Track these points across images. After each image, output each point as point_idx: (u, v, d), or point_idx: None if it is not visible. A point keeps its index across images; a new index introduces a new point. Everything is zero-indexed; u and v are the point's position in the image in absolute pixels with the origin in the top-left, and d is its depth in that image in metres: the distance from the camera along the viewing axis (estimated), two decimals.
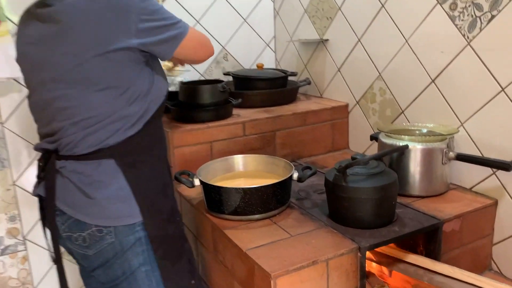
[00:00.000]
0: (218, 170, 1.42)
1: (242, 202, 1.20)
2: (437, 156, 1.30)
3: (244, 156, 1.46)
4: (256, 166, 1.45)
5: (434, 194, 1.34)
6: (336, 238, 1.11)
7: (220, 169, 1.43)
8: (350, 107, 1.82)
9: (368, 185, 1.12)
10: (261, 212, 1.22)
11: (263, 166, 1.44)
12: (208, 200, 1.27)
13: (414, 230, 1.14)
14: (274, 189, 1.22)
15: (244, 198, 1.19)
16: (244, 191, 1.19)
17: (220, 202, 1.23)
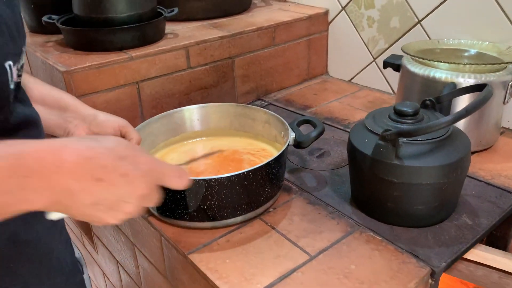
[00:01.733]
0: (158, 135, 0.86)
1: (215, 200, 0.68)
2: (498, 93, 0.86)
3: (200, 107, 0.90)
4: (219, 122, 0.91)
5: (486, 147, 0.92)
6: (387, 253, 0.66)
7: (162, 132, 0.86)
8: (332, 16, 1.28)
9: (436, 162, 0.65)
10: (246, 211, 0.72)
11: (230, 121, 0.90)
12: None
13: (496, 220, 0.72)
14: (266, 172, 0.71)
15: (219, 193, 0.67)
16: (219, 183, 0.67)
17: (177, 201, 0.69)
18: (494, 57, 0.90)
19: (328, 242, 0.68)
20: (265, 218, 0.74)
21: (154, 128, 0.84)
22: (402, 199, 0.68)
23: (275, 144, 0.85)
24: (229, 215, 0.71)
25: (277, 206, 0.77)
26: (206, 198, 0.67)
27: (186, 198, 0.68)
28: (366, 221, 0.72)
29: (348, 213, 0.74)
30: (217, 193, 0.67)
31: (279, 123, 0.82)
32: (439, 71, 0.86)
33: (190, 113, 0.89)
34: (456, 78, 0.84)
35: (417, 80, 0.89)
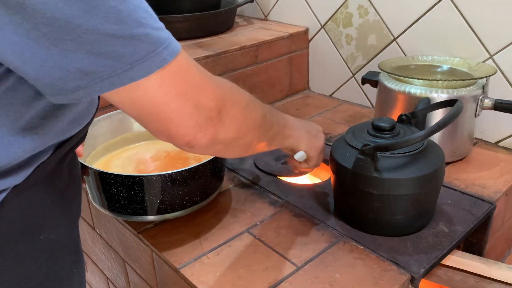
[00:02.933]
0: (98, 136, 0.88)
1: (170, 194, 0.73)
2: (470, 107, 0.91)
3: None
4: None
5: (461, 157, 0.97)
6: (370, 262, 0.69)
7: (101, 134, 0.88)
8: (312, 34, 1.33)
9: (413, 173, 0.69)
10: (196, 202, 0.76)
11: None
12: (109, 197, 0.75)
13: (470, 227, 0.77)
14: (216, 163, 0.78)
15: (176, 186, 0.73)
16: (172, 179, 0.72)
17: (137, 197, 0.73)
18: (465, 72, 0.96)
19: (314, 252, 0.71)
20: (253, 232, 0.77)
21: (93, 130, 0.85)
22: (382, 209, 0.72)
23: None
24: (181, 207, 0.75)
25: (265, 220, 0.80)
26: (161, 193, 0.72)
27: (146, 194, 0.72)
28: (349, 231, 0.76)
29: (332, 225, 0.78)
30: (172, 187, 0.72)
31: None
32: (414, 87, 0.91)
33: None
34: (430, 94, 0.89)
35: (393, 96, 0.94)
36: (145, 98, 0.41)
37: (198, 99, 0.45)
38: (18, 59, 0.37)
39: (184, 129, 0.45)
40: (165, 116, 0.44)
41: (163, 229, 0.78)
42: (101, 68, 0.37)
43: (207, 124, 0.46)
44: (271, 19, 1.45)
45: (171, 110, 0.43)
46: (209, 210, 0.83)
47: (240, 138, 0.52)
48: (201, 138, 0.46)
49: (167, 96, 0.42)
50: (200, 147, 0.48)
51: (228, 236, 0.76)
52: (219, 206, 0.84)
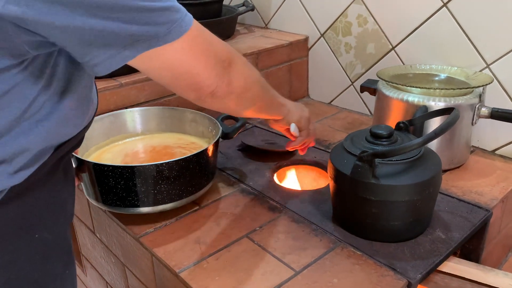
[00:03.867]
0: (90, 138, 0.90)
1: (164, 184, 0.77)
2: (467, 115, 0.93)
3: (129, 112, 0.97)
4: (147, 125, 0.99)
5: (458, 165, 0.98)
6: (367, 267, 0.70)
7: (94, 136, 0.91)
8: (311, 42, 1.35)
9: (410, 180, 0.71)
10: (188, 194, 0.80)
11: (157, 123, 0.99)
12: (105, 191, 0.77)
13: (466, 234, 0.78)
14: (206, 157, 0.82)
15: (168, 177, 0.76)
16: (169, 167, 0.76)
17: (129, 189, 0.76)
18: (462, 81, 0.97)
19: (312, 258, 0.72)
20: (252, 237, 0.78)
21: (94, 130, 0.89)
22: (379, 215, 0.73)
23: (203, 138, 0.95)
24: (177, 197, 0.79)
25: (264, 225, 0.81)
26: (156, 182, 0.76)
27: (137, 184, 0.75)
28: (347, 237, 0.77)
29: (330, 230, 0.79)
30: (167, 177, 0.76)
31: (206, 120, 0.93)
32: (412, 95, 0.92)
33: (121, 117, 0.96)
34: (427, 102, 0.90)
35: (391, 103, 0.95)
36: (178, 58, 0.50)
37: (215, 54, 0.54)
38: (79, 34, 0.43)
39: (209, 80, 0.54)
40: (195, 71, 0.52)
41: (163, 234, 0.79)
42: (144, 32, 0.46)
43: (224, 73, 0.56)
44: (271, 27, 1.47)
45: (199, 65, 0.52)
46: (209, 215, 0.84)
47: (247, 89, 0.63)
48: (221, 86, 0.56)
49: (195, 54, 0.51)
50: (221, 96, 0.57)
51: (227, 241, 0.77)
52: (219, 211, 0.85)
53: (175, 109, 0.98)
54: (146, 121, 0.98)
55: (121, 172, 0.74)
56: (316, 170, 1.03)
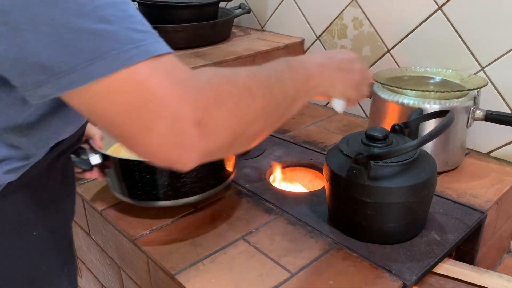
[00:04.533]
0: None
1: (187, 177, 0.78)
2: (462, 118, 0.93)
3: None
4: None
5: (453, 167, 0.99)
6: (363, 269, 0.70)
7: None
8: (307, 44, 1.35)
9: (405, 182, 0.71)
10: (211, 187, 0.82)
11: None
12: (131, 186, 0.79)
13: (461, 236, 0.78)
14: None
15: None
16: None
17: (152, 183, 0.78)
18: (457, 84, 0.98)
19: (308, 260, 0.72)
20: (248, 239, 0.78)
21: None
22: (375, 217, 0.73)
23: None
24: (200, 191, 0.80)
25: (259, 227, 0.81)
26: (178, 176, 0.77)
27: (157, 178, 0.76)
28: (343, 239, 0.77)
29: (326, 232, 0.79)
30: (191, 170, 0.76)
31: None
32: (407, 97, 0.93)
33: None
34: (422, 104, 0.91)
35: (387, 106, 0.96)
36: (104, 105, 0.36)
37: (167, 111, 0.36)
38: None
39: (154, 149, 0.38)
40: (129, 132, 0.37)
41: (159, 236, 0.79)
42: (59, 64, 0.35)
43: (184, 141, 0.38)
44: (267, 29, 1.47)
45: (135, 125, 0.37)
46: (205, 217, 0.84)
47: (241, 136, 0.43)
48: (181, 159, 0.39)
49: (123, 104, 0.36)
50: (188, 167, 0.40)
51: (223, 243, 0.77)
52: (215, 213, 0.85)
53: None
54: None
55: (147, 166, 0.75)
56: (312, 172, 1.03)
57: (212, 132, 0.39)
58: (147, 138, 0.37)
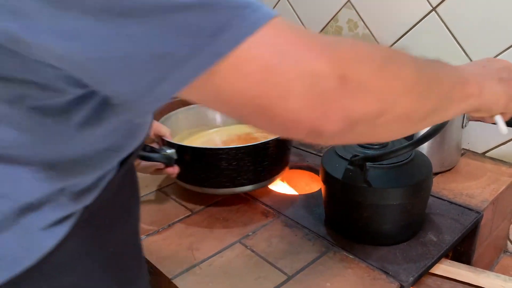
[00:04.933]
0: (181, 127, 0.99)
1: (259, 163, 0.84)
2: (457, 118, 0.94)
3: None
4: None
5: (449, 167, 0.99)
6: (360, 271, 0.70)
7: (185, 124, 1.00)
8: None
9: (401, 184, 0.71)
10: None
11: None
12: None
13: (458, 236, 0.78)
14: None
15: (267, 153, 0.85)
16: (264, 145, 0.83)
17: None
18: None
19: (305, 262, 0.72)
20: (245, 242, 0.78)
21: (179, 119, 0.99)
22: (371, 219, 0.73)
23: None
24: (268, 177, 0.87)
25: (257, 230, 0.81)
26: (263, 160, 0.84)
27: (247, 163, 0.82)
28: (340, 241, 0.77)
29: (323, 234, 0.79)
30: (270, 154, 0.85)
31: None
32: None
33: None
34: None
35: None
36: (234, 83, 0.32)
37: (305, 69, 0.32)
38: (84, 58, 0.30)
39: (296, 114, 0.33)
40: (265, 102, 0.32)
41: (156, 240, 0.79)
42: (178, 48, 0.30)
43: (327, 100, 0.33)
44: None
45: (271, 93, 0.32)
46: (202, 221, 0.84)
47: (389, 110, 0.36)
48: (326, 122, 0.33)
49: (255, 74, 0.31)
50: (332, 134, 0.34)
51: (220, 246, 0.77)
52: (212, 216, 0.85)
53: None
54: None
55: (235, 152, 0.80)
56: (308, 174, 1.04)
57: (356, 90, 0.33)
58: (286, 104, 0.32)
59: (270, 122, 0.34)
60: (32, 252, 0.42)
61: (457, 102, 0.45)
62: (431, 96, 0.40)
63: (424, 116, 0.41)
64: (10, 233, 0.41)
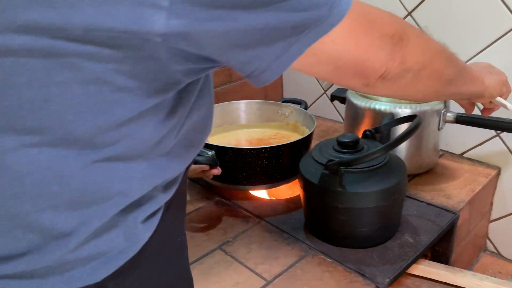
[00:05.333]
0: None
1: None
2: (433, 121, 0.95)
3: (247, 103, 1.11)
4: (258, 117, 1.12)
5: (427, 169, 1.01)
6: (337, 274, 0.71)
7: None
8: None
9: (376, 187, 0.72)
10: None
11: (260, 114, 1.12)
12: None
13: (434, 237, 0.80)
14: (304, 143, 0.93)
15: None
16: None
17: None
18: None
19: (284, 266, 0.73)
20: (225, 248, 0.79)
21: None
22: (347, 222, 0.74)
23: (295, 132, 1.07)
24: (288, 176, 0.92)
25: (237, 236, 0.82)
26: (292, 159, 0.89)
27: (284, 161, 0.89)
28: (318, 244, 0.78)
29: (302, 238, 0.80)
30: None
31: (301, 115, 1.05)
32: (379, 103, 0.95)
33: (234, 107, 1.11)
34: (394, 109, 0.92)
35: (360, 112, 0.98)
36: (339, 48, 0.43)
37: (381, 31, 0.46)
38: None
39: (378, 63, 0.46)
40: (361, 57, 0.45)
41: None
42: (307, 19, 0.40)
43: (394, 51, 0.47)
44: None
45: (365, 49, 0.45)
46: None
47: (427, 64, 0.52)
48: (393, 67, 0.47)
49: (357, 37, 0.44)
50: (394, 77, 0.48)
51: (200, 253, 0.78)
52: (192, 223, 0.86)
53: (275, 104, 1.10)
54: (259, 113, 1.11)
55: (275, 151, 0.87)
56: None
57: (408, 44, 0.48)
58: (377, 56, 0.46)
59: (360, 71, 0.46)
60: (134, 244, 0.46)
61: (467, 83, 0.61)
62: (452, 65, 0.56)
63: (449, 80, 0.56)
64: (119, 229, 0.45)
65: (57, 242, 0.42)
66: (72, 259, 0.44)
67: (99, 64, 0.36)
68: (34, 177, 0.39)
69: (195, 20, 0.36)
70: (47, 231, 0.42)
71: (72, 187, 0.41)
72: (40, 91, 0.36)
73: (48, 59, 0.35)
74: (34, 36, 0.34)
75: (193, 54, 0.39)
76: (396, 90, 0.52)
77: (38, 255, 0.42)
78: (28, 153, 0.39)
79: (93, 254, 0.45)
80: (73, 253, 0.43)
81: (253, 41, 0.39)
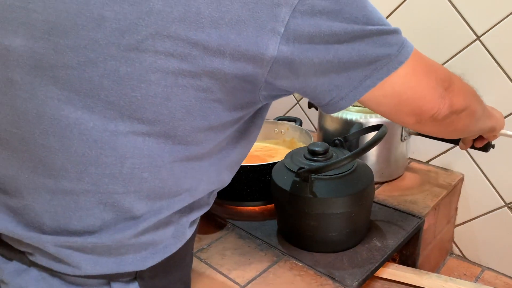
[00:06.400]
0: None
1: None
2: (398, 131, 1.00)
3: None
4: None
5: (395, 177, 1.05)
6: (308, 278, 0.74)
7: None
8: None
9: (344, 193, 0.76)
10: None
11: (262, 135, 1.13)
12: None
13: (400, 241, 0.83)
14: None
15: None
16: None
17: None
18: None
19: (257, 272, 0.76)
20: (199, 255, 0.80)
21: None
22: (318, 228, 0.77)
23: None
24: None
25: (211, 243, 0.84)
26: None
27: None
28: (290, 250, 0.81)
29: (275, 244, 0.82)
30: None
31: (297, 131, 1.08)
32: (349, 113, 0.99)
33: None
34: (362, 119, 0.97)
35: (332, 121, 1.01)
36: (405, 83, 0.49)
37: (436, 75, 0.52)
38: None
39: (432, 103, 0.52)
40: (420, 94, 0.51)
41: None
42: (381, 55, 0.46)
43: (445, 94, 0.53)
44: None
45: (424, 88, 0.51)
46: None
47: (467, 106, 0.58)
48: (443, 108, 0.53)
49: (419, 77, 0.50)
50: (442, 118, 0.54)
51: None
52: None
53: (274, 122, 1.12)
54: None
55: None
56: None
57: (454, 90, 0.55)
58: (432, 97, 0.52)
59: (416, 108, 0.52)
60: (178, 242, 0.52)
61: (489, 118, 0.68)
62: (481, 104, 0.63)
63: (479, 117, 0.63)
64: (172, 225, 0.51)
65: (127, 225, 0.47)
66: (129, 244, 0.48)
67: None
68: (134, 161, 0.44)
69: (299, 49, 0.42)
70: (122, 213, 0.47)
71: (159, 177, 0.46)
72: (165, 89, 0.42)
73: (181, 64, 0.41)
74: (176, 44, 0.40)
75: (284, 81, 0.45)
76: (440, 128, 0.58)
77: (107, 234, 0.47)
78: (136, 140, 0.44)
79: (147, 244, 0.49)
80: (134, 239, 0.48)
81: (338, 71, 0.45)
